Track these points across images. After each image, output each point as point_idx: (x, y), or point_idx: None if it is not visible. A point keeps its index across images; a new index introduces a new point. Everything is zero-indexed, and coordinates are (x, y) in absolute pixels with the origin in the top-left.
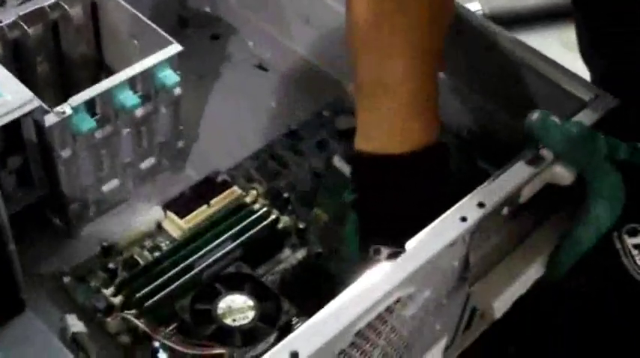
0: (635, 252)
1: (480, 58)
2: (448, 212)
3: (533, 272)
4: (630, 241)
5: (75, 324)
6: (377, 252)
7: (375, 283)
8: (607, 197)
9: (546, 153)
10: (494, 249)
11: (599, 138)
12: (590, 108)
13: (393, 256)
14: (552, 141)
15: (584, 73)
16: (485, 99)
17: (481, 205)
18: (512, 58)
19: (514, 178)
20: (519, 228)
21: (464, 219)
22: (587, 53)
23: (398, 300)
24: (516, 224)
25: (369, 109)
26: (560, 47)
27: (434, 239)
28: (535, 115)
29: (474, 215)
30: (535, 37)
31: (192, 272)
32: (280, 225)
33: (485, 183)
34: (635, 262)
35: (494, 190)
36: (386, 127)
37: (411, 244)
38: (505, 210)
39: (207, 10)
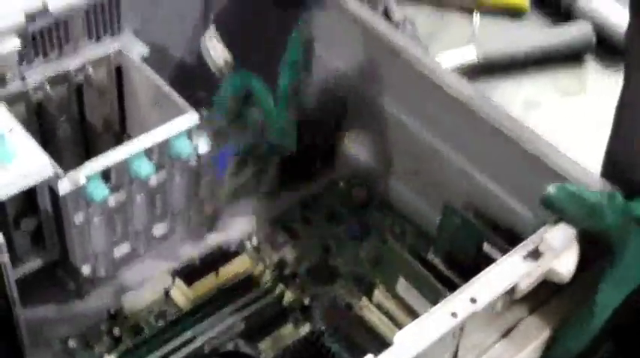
0: None
1: (490, 144)
2: (438, 305)
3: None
4: None
5: None
6: None
7: None
8: (629, 256)
9: (544, 247)
10: (486, 336)
11: (617, 199)
12: None
13: None
14: (571, 211)
15: (576, 116)
16: (493, 185)
17: (473, 301)
18: (523, 147)
19: (509, 274)
20: (515, 314)
21: (454, 315)
22: None
23: None
24: (512, 311)
25: None
26: (553, 92)
27: (422, 334)
28: (552, 189)
29: (465, 311)
30: (529, 81)
31: (194, 345)
32: (285, 300)
33: (479, 276)
34: None
35: (487, 285)
36: None
37: (398, 338)
38: (499, 306)
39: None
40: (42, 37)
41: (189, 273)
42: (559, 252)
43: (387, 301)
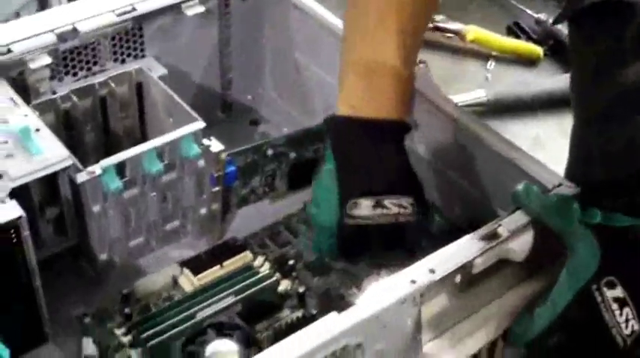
0: (614, 306)
1: (468, 154)
2: (399, 273)
3: (484, 335)
4: (610, 294)
5: (88, 347)
6: (356, 205)
7: (322, 328)
8: (581, 255)
9: (502, 230)
10: (452, 313)
11: (572, 205)
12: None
13: (376, 206)
14: (532, 207)
15: None
16: (471, 187)
17: (432, 271)
18: (494, 151)
19: (465, 250)
20: (478, 297)
21: (413, 282)
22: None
23: (344, 348)
24: (475, 293)
25: (363, 81)
26: (559, 133)
27: (382, 296)
28: (520, 186)
29: (424, 279)
30: (536, 122)
31: (194, 321)
32: (281, 288)
33: (438, 252)
34: (614, 317)
35: (445, 259)
36: (380, 100)
37: (360, 298)
38: (458, 278)
39: (249, 98)
40: (72, 58)
41: (197, 264)
42: (513, 234)
43: None
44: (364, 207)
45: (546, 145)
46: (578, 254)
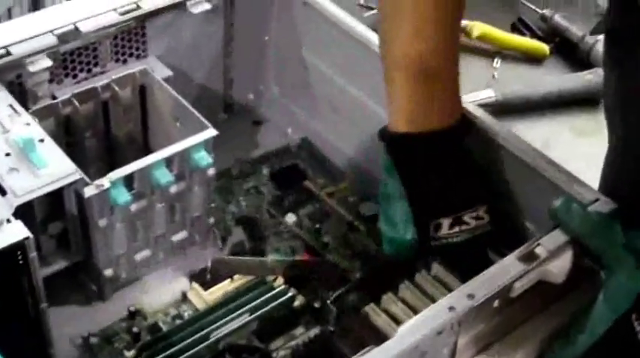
0: None
1: (495, 164)
2: (439, 301)
3: None
4: None
5: None
6: (438, 227)
7: None
8: (621, 281)
9: (540, 250)
10: (485, 335)
11: (616, 227)
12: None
13: (455, 223)
14: (573, 225)
15: (591, 155)
16: (499, 200)
17: (470, 296)
18: (524, 163)
19: (505, 273)
20: (512, 317)
21: (452, 309)
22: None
23: None
24: (509, 313)
25: (419, 93)
26: (569, 132)
27: (421, 326)
28: (559, 201)
29: (463, 305)
30: (546, 122)
31: (209, 342)
32: (296, 303)
33: (477, 276)
34: None
35: (484, 283)
36: (437, 107)
37: (399, 329)
38: (496, 303)
39: (251, 97)
40: (72, 59)
41: (206, 278)
42: (553, 254)
43: (394, 306)
44: (445, 227)
45: (557, 146)
46: (617, 279)
